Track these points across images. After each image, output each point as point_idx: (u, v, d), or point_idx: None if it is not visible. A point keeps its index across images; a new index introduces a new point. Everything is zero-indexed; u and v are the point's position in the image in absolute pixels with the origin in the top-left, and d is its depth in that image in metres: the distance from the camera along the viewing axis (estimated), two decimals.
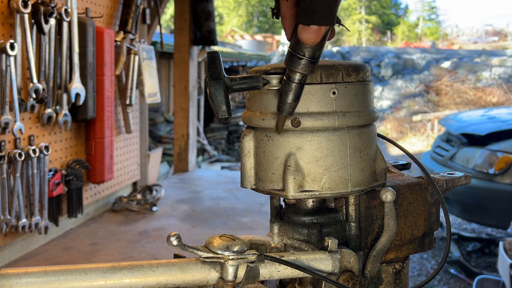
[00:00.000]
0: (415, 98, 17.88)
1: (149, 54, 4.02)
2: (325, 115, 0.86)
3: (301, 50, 0.80)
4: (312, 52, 0.80)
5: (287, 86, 0.84)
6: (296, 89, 0.84)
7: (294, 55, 0.81)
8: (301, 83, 0.83)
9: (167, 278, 0.78)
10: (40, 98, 2.84)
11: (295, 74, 0.82)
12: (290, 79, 0.83)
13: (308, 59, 0.80)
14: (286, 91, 0.84)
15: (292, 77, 0.83)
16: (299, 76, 0.82)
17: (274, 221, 0.98)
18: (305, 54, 0.80)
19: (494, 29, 43.70)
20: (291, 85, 0.83)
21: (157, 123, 10.73)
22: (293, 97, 0.84)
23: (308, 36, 0.78)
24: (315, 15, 0.76)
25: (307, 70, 0.82)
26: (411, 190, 1.01)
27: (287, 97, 0.84)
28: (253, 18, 44.50)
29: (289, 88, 0.84)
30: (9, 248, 2.91)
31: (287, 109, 0.85)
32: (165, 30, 12.37)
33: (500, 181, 5.21)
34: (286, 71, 0.84)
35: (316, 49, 0.80)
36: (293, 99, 0.84)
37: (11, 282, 0.71)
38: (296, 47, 0.81)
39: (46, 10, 2.76)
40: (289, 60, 0.82)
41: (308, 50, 0.80)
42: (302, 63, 0.81)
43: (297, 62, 0.81)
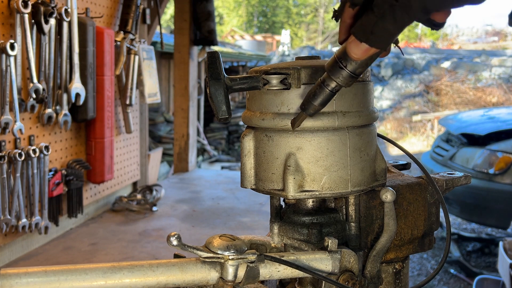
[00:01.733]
0: (415, 98, 17.88)
1: (149, 54, 4.02)
2: (325, 115, 0.86)
3: (345, 61, 0.78)
4: (355, 67, 0.78)
5: (319, 89, 0.82)
6: (326, 96, 0.82)
7: (337, 63, 0.79)
8: (333, 92, 0.82)
9: (167, 278, 0.78)
10: (40, 98, 2.84)
11: (331, 82, 0.81)
12: (324, 84, 0.81)
13: (348, 72, 0.79)
14: (317, 93, 0.82)
15: (327, 83, 0.81)
16: (334, 84, 0.81)
17: (274, 221, 0.99)
18: (346, 66, 0.78)
19: (494, 29, 43.69)
20: (323, 90, 0.82)
21: (157, 123, 10.73)
22: (321, 101, 0.82)
23: (355, 51, 0.76)
24: (371, 36, 0.74)
25: (344, 82, 0.80)
26: (411, 190, 1.01)
27: (315, 99, 0.83)
28: (253, 18, 44.50)
29: (320, 92, 0.82)
30: (9, 248, 2.91)
31: (310, 110, 0.84)
32: (165, 30, 12.37)
33: (500, 181, 5.21)
34: (324, 74, 0.82)
35: (360, 65, 0.78)
36: (320, 104, 0.83)
37: (11, 282, 0.71)
38: (341, 56, 0.79)
39: (46, 10, 2.76)
40: (330, 66, 0.80)
41: (352, 63, 0.78)
42: (341, 74, 0.79)
43: (337, 71, 0.79)
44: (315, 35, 44.04)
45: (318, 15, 45.20)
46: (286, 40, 27.92)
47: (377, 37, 0.74)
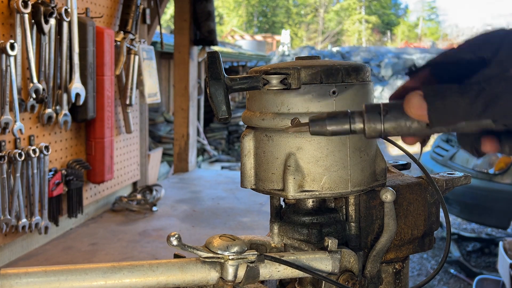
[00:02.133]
0: None
1: (149, 54, 4.02)
2: None
3: (390, 112, 0.70)
4: (392, 125, 0.69)
5: (342, 118, 0.73)
6: (342, 130, 0.74)
7: (378, 109, 0.70)
8: (351, 132, 0.74)
9: (167, 278, 0.78)
10: (40, 98, 2.84)
11: (359, 123, 0.72)
12: (351, 117, 0.73)
13: (382, 125, 0.70)
14: (337, 119, 0.74)
15: (355, 120, 0.72)
16: (360, 127, 0.72)
17: (274, 221, 0.99)
18: (385, 117, 0.70)
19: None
20: (344, 123, 0.73)
21: (157, 123, 10.73)
22: (333, 130, 0.74)
23: (414, 104, 0.66)
24: (439, 103, 0.66)
25: (369, 131, 0.71)
26: (411, 190, 1.01)
27: (330, 124, 0.74)
28: (253, 18, 44.51)
29: (341, 122, 0.73)
30: (9, 248, 2.91)
31: (316, 128, 0.75)
32: (165, 30, 12.37)
33: (500, 181, 5.21)
34: (360, 110, 0.73)
35: (396, 127, 0.69)
36: (331, 132, 0.74)
37: (11, 282, 0.71)
38: (390, 106, 0.70)
39: (46, 10, 2.76)
40: (371, 107, 0.71)
41: (390, 121, 0.69)
42: (375, 122, 0.70)
43: (373, 117, 0.70)
44: (315, 35, 44.04)
45: (318, 15, 45.19)
46: (286, 40, 27.93)
47: (442, 107, 0.66)
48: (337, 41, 42.85)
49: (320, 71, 0.87)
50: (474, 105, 0.64)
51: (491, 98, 0.63)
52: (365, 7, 46.21)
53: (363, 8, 46.11)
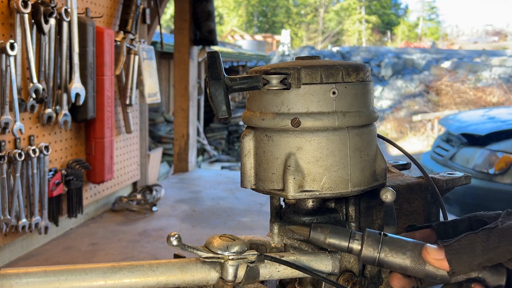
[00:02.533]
0: (415, 98, 17.88)
1: (149, 54, 4.02)
2: (325, 115, 0.86)
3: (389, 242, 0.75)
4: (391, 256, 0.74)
5: (343, 235, 0.78)
6: (339, 246, 0.78)
7: (378, 237, 0.76)
8: (347, 250, 0.78)
9: (167, 278, 0.78)
10: (40, 98, 2.83)
11: (357, 245, 0.77)
12: (351, 238, 0.78)
13: (385, 251, 0.74)
14: (339, 235, 0.78)
15: (353, 241, 0.77)
16: (355, 248, 0.77)
17: (274, 221, 0.98)
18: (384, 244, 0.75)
19: (494, 29, 43.69)
20: (344, 240, 0.78)
21: (157, 123, 10.73)
22: (331, 242, 0.78)
23: (432, 254, 0.71)
24: (456, 254, 0.70)
25: (363, 256, 0.76)
26: (411, 190, 1.01)
27: (331, 235, 0.78)
28: (253, 18, 44.51)
29: (342, 238, 0.78)
30: (9, 248, 2.91)
31: (315, 236, 0.79)
32: (165, 30, 12.37)
33: (500, 181, 5.21)
34: (362, 236, 0.77)
35: (396, 265, 0.74)
36: (328, 243, 0.79)
37: (11, 282, 0.71)
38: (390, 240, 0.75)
39: (46, 10, 2.76)
40: (370, 236, 0.76)
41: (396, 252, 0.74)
42: (374, 250, 0.75)
43: (373, 244, 0.75)
44: (315, 35, 44.04)
45: (318, 15, 45.19)
46: (286, 40, 27.92)
47: (459, 247, 0.70)
48: (337, 41, 42.84)
49: (320, 71, 0.87)
50: (489, 239, 0.68)
51: (503, 232, 0.68)
52: (365, 7, 46.20)
53: (363, 8, 46.10)
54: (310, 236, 0.80)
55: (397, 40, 42.22)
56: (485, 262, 0.68)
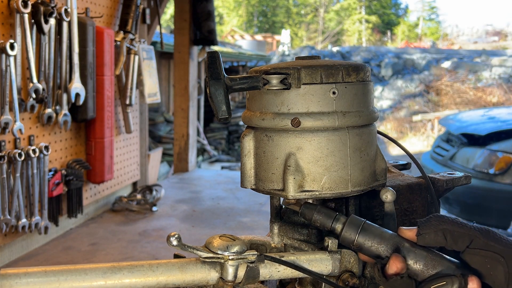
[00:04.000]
0: (415, 98, 17.88)
1: (149, 54, 4.02)
2: (325, 115, 0.86)
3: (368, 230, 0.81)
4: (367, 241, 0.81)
5: (329, 215, 0.85)
6: (323, 223, 0.86)
7: (359, 223, 0.82)
8: (329, 228, 0.85)
9: (167, 278, 0.78)
10: (40, 98, 2.83)
11: (339, 226, 0.84)
12: (335, 220, 0.85)
13: (364, 236, 0.81)
14: (324, 214, 0.86)
15: (337, 222, 0.84)
16: (337, 229, 0.84)
17: (274, 221, 0.98)
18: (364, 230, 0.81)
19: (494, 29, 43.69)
20: (328, 219, 0.85)
21: (157, 123, 10.72)
22: (316, 218, 0.86)
23: (394, 266, 0.77)
24: None
25: (342, 237, 0.83)
26: (411, 190, 1.01)
27: (318, 213, 0.86)
28: (253, 18, 44.50)
29: (327, 217, 0.86)
30: (9, 248, 2.91)
31: (305, 211, 0.88)
32: (165, 30, 12.37)
33: (500, 181, 5.21)
34: (345, 220, 0.84)
35: (370, 249, 0.80)
36: (314, 219, 0.86)
37: (11, 282, 0.71)
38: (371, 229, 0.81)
39: (46, 10, 2.76)
40: (352, 221, 0.82)
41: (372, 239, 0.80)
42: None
43: (352, 228, 0.82)
44: (315, 35, 44.04)
45: (318, 15, 45.19)
46: (286, 40, 27.92)
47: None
48: (337, 41, 42.83)
49: (320, 71, 0.87)
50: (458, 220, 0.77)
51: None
52: (365, 7, 46.20)
53: (363, 8, 46.09)
54: (300, 211, 0.87)
55: (397, 40, 42.22)
56: (450, 228, 0.75)
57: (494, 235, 0.75)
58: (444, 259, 0.77)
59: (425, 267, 0.76)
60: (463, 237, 0.75)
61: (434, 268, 0.76)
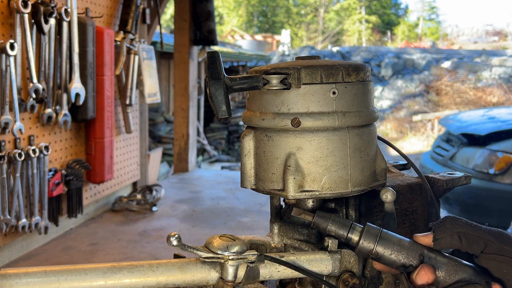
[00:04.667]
0: (415, 98, 17.87)
1: (149, 54, 4.02)
2: (325, 115, 0.86)
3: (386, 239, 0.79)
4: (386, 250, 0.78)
5: (343, 226, 0.82)
6: (338, 234, 0.83)
7: (376, 232, 0.80)
8: (345, 239, 0.82)
9: (167, 278, 0.78)
10: (40, 98, 2.83)
11: (355, 237, 0.81)
12: (351, 229, 0.82)
13: (382, 245, 0.79)
14: (339, 224, 0.83)
15: (353, 232, 0.82)
16: (354, 239, 0.81)
17: (274, 221, 0.98)
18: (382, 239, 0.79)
19: (494, 29, 43.68)
20: (343, 230, 0.82)
21: (157, 123, 10.72)
22: (331, 229, 0.83)
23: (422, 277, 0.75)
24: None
25: (360, 248, 0.80)
26: (411, 190, 1.01)
27: (332, 223, 0.83)
28: (253, 18, 44.50)
29: (342, 227, 0.83)
30: (9, 248, 2.91)
31: (318, 221, 0.84)
32: (165, 30, 12.36)
33: (500, 181, 5.21)
34: (362, 229, 0.81)
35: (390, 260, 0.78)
36: (329, 229, 0.83)
37: (11, 282, 0.71)
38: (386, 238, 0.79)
39: (46, 10, 2.76)
40: (369, 231, 0.80)
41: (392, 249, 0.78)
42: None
43: (370, 238, 0.79)
44: (315, 35, 44.04)
45: (318, 15, 45.19)
46: (286, 40, 27.91)
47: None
48: (337, 41, 42.82)
49: (320, 71, 0.87)
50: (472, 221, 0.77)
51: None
52: (365, 7, 46.19)
53: (363, 8, 46.08)
54: (313, 221, 0.83)
55: (397, 40, 42.22)
56: (465, 232, 0.75)
57: (508, 238, 0.75)
58: (464, 265, 0.75)
59: (447, 274, 0.75)
60: (478, 241, 0.75)
61: (455, 274, 0.74)
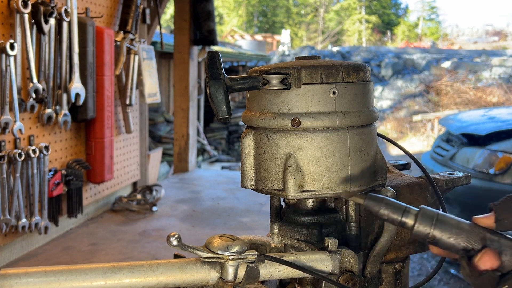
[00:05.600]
0: (415, 98, 17.87)
1: (149, 54, 4.02)
2: (325, 115, 0.86)
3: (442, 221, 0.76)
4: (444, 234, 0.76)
5: (397, 209, 0.78)
6: (391, 218, 0.79)
7: (432, 215, 0.77)
8: (399, 223, 0.79)
9: (167, 278, 0.78)
10: (40, 98, 2.83)
11: (410, 220, 0.78)
12: (405, 213, 0.78)
13: (439, 228, 0.76)
14: (393, 207, 0.79)
15: (407, 216, 0.78)
16: (408, 223, 0.78)
17: (274, 221, 0.98)
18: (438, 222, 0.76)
19: (494, 29, 43.68)
20: (397, 214, 0.79)
21: (157, 123, 10.72)
22: (384, 213, 0.79)
23: (486, 261, 0.72)
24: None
25: (415, 231, 0.77)
26: (411, 190, 1.01)
27: (386, 206, 0.79)
28: (253, 18, 44.50)
29: (395, 211, 0.79)
30: (9, 248, 2.91)
31: (370, 204, 0.80)
32: (165, 30, 12.36)
33: (500, 181, 5.21)
34: (417, 213, 0.78)
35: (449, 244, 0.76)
36: (381, 213, 0.79)
37: (11, 282, 0.71)
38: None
39: (46, 10, 2.76)
40: (425, 214, 0.77)
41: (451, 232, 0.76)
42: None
43: (426, 221, 0.76)
44: (315, 35, 44.04)
45: (318, 15, 45.19)
46: (286, 40, 27.92)
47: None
48: (337, 41, 42.82)
49: (320, 71, 0.87)
50: None
51: None
52: (365, 7, 46.19)
53: (363, 8, 46.09)
54: (364, 204, 0.80)
55: (397, 40, 42.21)
56: None
57: None
58: None
59: None
60: None
61: None
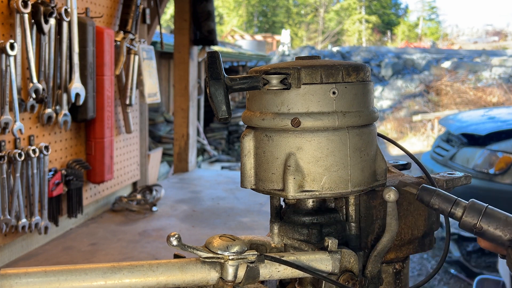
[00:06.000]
0: (415, 98, 17.87)
1: (149, 54, 4.02)
2: (325, 115, 0.86)
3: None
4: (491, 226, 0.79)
5: (448, 200, 0.84)
6: (441, 208, 0.85)
7: (480, 208, 0.81)
8: (448, 214, 0.84)
9: (167, 278, 0.78)
10: (40, 98, 2.83)
11: (459, 211, 0.82)
12: (454, 204, 0.84)
13: (486, 221, 0.79)
14: (444, 198, 0.85)
15: (457, 207, 0.83)
16: (457, 214, 0.82)
17: (274, 221, 0.98)
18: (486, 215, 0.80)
19: (494, 29, 43.67)
20: (447, 205, 0.85)
21: (157, 123, 10.72)
22: (435, 202, 0.85)
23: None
24: None
25: (462, 222, 0.82)
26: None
27: (437, 197, 0.85)
28: (253, 18, 44.50)
29: (446, 202, 0.85)
30: (9, 248, 2.91)
31: (423, 194, 0.87)
32: (165, 30, 12.36)
33: (500, 181, 5.21)
34: (465, 205, 0.83)
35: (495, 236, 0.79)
36: (432, 203, 0.86)
37: (11, 282, 0.71)
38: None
39: (46, 10, 2.76)
40: (473, 206, 0.82)
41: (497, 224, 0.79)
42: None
43: (474, 213, 0.81)
44: (315, 35, 44.03)
45: (318, 15, 45.19)
46: (286, 40, 27.91)
47: None
48: (337, 41, 42.82)
49: (320, 71, 0.87)
50: None
51: None
52: (365, 7, 46.18)
53: (363, 8, 46.08)
54: (417, 194, 0.85)
55: (397, 40, 42.20)
56: None
57: None
58: None
59: None
60: None
61: None
